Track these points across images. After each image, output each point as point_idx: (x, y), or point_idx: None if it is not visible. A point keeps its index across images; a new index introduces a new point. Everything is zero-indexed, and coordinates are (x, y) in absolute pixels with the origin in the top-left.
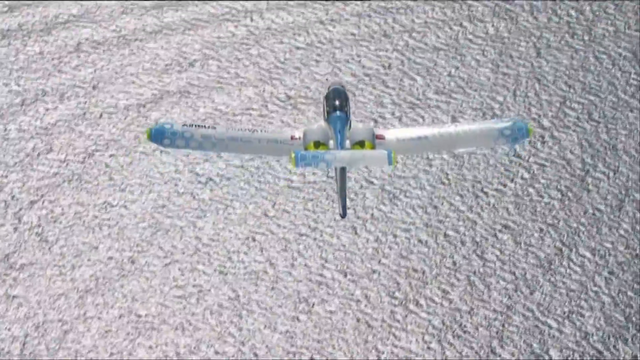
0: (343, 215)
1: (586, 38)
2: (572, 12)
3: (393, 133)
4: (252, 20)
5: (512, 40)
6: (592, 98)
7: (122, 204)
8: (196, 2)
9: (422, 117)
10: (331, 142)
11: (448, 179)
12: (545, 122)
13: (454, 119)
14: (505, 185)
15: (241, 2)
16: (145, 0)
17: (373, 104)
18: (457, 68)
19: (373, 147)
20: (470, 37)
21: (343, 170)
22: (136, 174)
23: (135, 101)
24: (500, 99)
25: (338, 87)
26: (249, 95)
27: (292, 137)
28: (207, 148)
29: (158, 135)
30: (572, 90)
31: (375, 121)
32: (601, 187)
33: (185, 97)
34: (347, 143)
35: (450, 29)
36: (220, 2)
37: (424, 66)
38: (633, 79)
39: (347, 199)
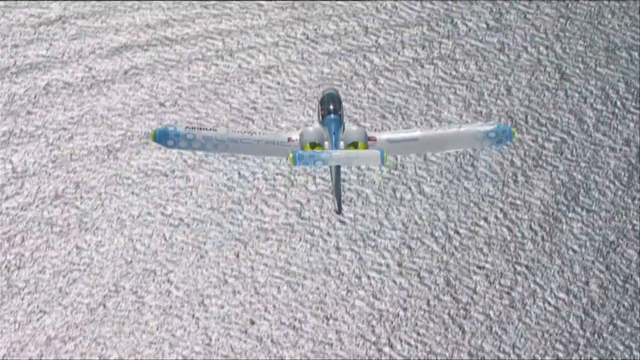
0: (338, 211)
1: (557, 76)
2: (543, 50)
3: (385, 135)
4: (222, 59)
5: (483, 78)
6: (564, 136)
7: (93, 248)
8: (165, 44)
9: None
10: (326, 143)
11: (421, 219)
12: (518, 161)
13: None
14: (478, 225)
15: (213, 41)
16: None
17: None
18: (428, 106)
19: (366, 148)
20: (441, 75)
21: (338, 169)
22: (107, 217)
23: (106, 143)
24: None
25: (332, 91)
26: None
27: (289, 139)
28: (209, 149)
29: (162, 137)
30: (544, 129)
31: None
32: (575, 227)
33: None
34: (342, 144)
35: (422, 67)
36: (191, 42)
37: (395, 105)
38: (604, 116)
39: (318, 247)
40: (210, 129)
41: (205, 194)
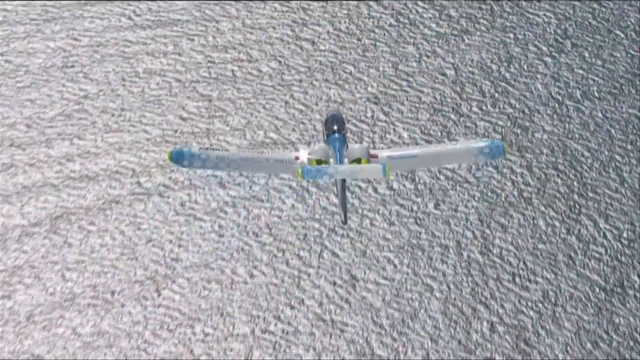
0: (344, 222)
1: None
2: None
3: (386, 153)
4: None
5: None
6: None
7: None
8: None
9: None
10: (331, 160)
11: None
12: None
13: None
14: None
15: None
16: None
17: None
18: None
19: (369, 163)
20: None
21: (343, 182)
22: None
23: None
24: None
25: (335, 113)
26: None
27: (297, 158)
28: (222, 168)
29: (178, 157)
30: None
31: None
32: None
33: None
34: (346, 161)
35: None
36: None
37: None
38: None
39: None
40: (222, 149)
41: None
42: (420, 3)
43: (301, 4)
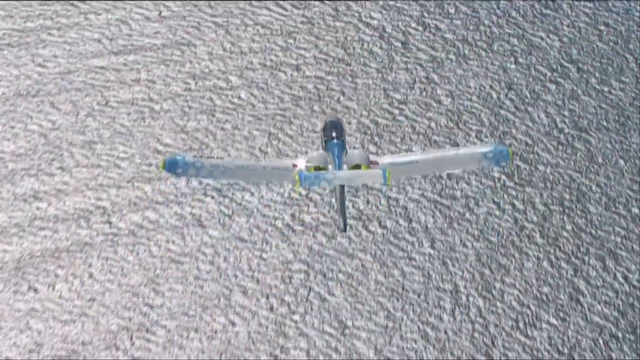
0: (344, 229)
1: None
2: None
3: (386, 159)
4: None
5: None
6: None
7: None
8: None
9: None
10: (330, 167)
11: None
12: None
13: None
14: None
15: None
16: None
17: None
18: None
19: (369, 169)
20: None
21: (342, 188)
22: None
23: None
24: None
25: (334, 119)
26: None
27: (294, 165)
28: (217, 176)
29: (172, 166)
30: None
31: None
32: None
33: None
34: (345, 167)
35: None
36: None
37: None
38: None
39: None
40: (217, 157)
41: None
42: (413, 25)
43: (284, 26)
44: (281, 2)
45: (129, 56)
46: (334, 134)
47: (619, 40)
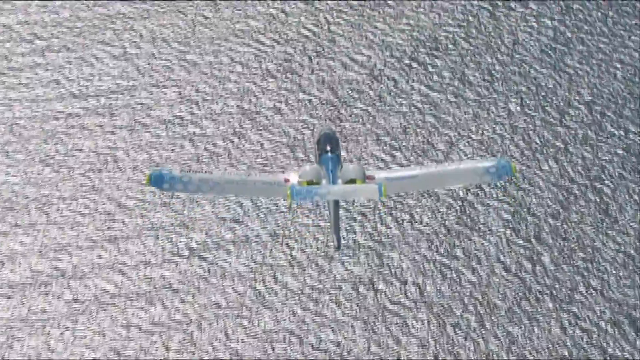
0: (338, 247)
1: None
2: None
3: (383, 174)
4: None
5: None
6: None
7: None
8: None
9: None
10: (323, 181)
11: None
12: None
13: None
14: None
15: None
16: None
17: None
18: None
19: (364, 184)
20: None
21: (336, 203)
22: None
23: None
24: None
25: (328, 131)
26: None
27: (286, 180)
28: (205, 191)
29: (158, 180)
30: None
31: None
32: None
33: None
34: (339, 182)
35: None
36: None
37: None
38: None
39: None
40: (205, 171)
41: None
42: (405, 61)
43: (264, 63)
44: (261, 36)
45: (88, 102)
46: (328, 148)
47: (636, 79)
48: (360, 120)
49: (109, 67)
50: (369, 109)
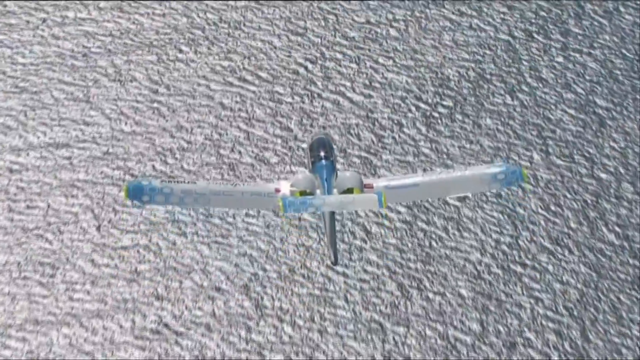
0: (335, 262)
1: None
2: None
3: (382, 182)
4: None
5: None
6: None
7: None
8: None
9: None
10: (318, 191)
11: None
12: None
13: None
14: None
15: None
16: None
17: None
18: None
19: (362, 193)
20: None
21: (332, 215)
22: None
23: None
24: None
25: (322, 136)
26: None
27: (277, 190)
28: (189, 203)
29: (137, 193)
30: None
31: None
32: None
33: None
34: (335, 191)
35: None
36: None
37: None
38: None
39: None
40: (188, 182)
41: None
42: (398, 101)
43: (247, 106)
44: (246, 75)
45: (57, 150)
46: (322, 154)
47: None
48: (354, 167)
49: (75, 109)
50: (372, 158)
